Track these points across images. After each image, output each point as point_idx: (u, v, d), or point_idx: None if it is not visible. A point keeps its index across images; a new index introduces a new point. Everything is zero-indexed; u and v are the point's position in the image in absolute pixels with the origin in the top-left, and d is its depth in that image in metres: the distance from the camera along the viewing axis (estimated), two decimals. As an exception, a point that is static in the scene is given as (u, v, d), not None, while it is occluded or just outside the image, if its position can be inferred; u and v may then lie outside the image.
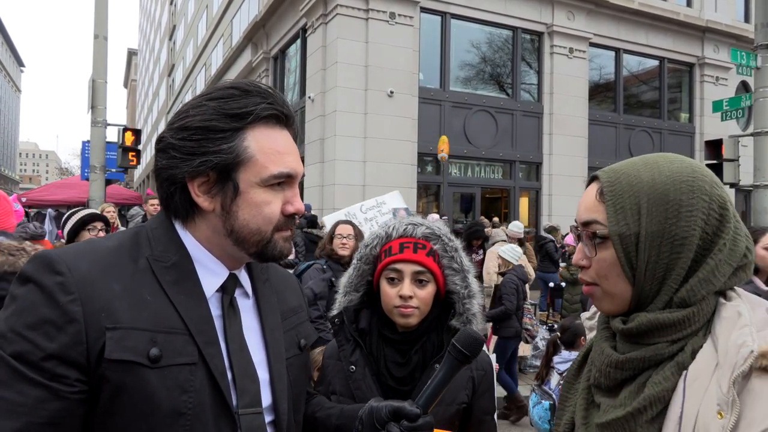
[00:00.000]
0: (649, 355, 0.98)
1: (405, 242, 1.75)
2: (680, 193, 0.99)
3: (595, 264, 1.06)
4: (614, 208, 1.02)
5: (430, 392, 1.21)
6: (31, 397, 0.91)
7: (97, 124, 10.17)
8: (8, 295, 0.98)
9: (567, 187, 15.21)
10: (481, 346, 1.24)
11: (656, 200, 0.99)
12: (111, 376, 0.94)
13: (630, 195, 1.01)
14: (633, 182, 1.02)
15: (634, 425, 0.96)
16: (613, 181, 1.04)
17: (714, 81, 17.81)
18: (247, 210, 1.08)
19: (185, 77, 36.55)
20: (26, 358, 0.91)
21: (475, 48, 14.86)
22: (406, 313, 1.69)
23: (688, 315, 0.97)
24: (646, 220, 0.99)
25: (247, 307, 1.18)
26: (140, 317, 0.98)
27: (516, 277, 6.46)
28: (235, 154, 1.06)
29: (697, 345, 0.96)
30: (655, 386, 0.95)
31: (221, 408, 1.03)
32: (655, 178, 1.01)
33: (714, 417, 0.87)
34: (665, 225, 0.98)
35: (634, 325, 1.01)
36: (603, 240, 1.03)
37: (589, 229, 1.06)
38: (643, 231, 0.99)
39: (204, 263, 1.11)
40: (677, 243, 0.98)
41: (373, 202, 7.38)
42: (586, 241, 1.07)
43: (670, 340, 0.98)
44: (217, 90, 1.10)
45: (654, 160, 1.05)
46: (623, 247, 1.01)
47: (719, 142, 10.47)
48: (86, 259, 1.00)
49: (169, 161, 1.07)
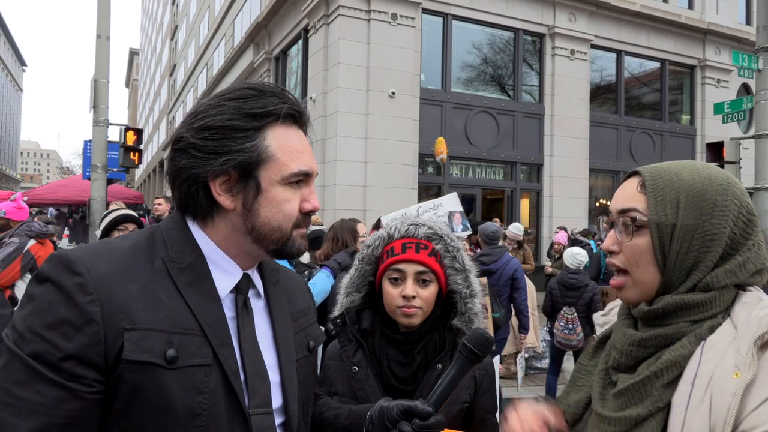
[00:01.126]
0: (671, 332, 1.07)
1: (407, 242, 1.76)
2: (716, 194, 1.08)
3: (628, 250, 1.13)
4: (655, 198, 1.10)
5: (441, 391, 1.21)
6: (50, 398, 0.91)
7: (99, 123, 10.18)
8: (24, 295, 0.98)
9: (568, 188, 15.22)
10: (492, 346, 1.25)
11: (694, 197, 1.08)
12: (128, 376, 0.94)
13: (671, 189, 1.10)
14: (674, 179, 1.11)
15: (650, 389, 1.04)
16: (655, 175, 1.13)
17: (715, 83, 17.81)
18: (269, 207, 1.09)
19: (187, 77, 36.56)
20: (45, 358, 0.91)
21: (476, 49, 14.87)
22: (410, 313, 1.70)
23: (710, 298, 1.06)
24: (683, 213, 1.08)
25: (259, 308, 1.19)
26: (157, 318, 0.99)
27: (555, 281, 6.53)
28: (257, 152, 1.08)
29: (716, 323, 1.04)
30: (672, 352, 1.04)
31: (235, 408, 1.03)
32: (695, 178, 1.10)
33: (730, 377, 0.95)
34: (699, 220, 1.07)
35: (660, 305, 1.09)
36: (639, 228, 1.11)
37: (627, 215, 1.13)
38: (680, 223, 1.08)
39: (218, 263, 1.11)
40: (708, 238, 1.07)
41: (430, 204, 7.47)
42: (620, 228, 1.15)
43: (691, 320, 1.06)
44: (234, 90, 1.12)
45: (693, 164, 1.15)
46: (659, 235, 1.09)
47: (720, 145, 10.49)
48: (104, 260, 1.00)
49: (191, 161, 1.07)
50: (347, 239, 4.70)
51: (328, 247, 4.74)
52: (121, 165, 11.00)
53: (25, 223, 5.03)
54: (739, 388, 0.94)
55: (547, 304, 6.70)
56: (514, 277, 6.15)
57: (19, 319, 0.96)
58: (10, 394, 0.91)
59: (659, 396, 1.03)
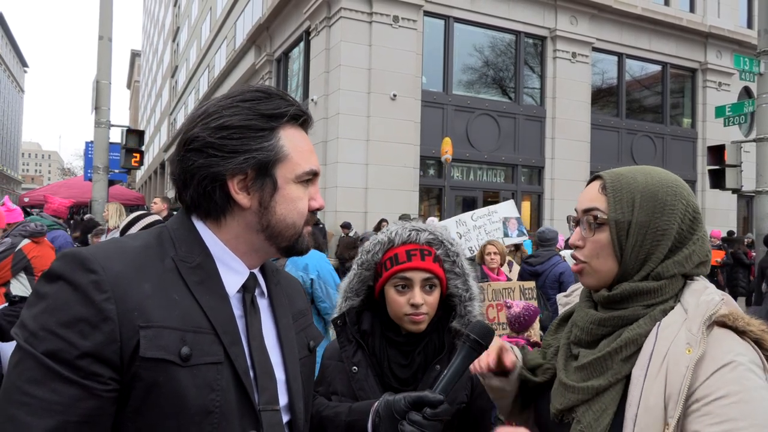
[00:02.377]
0: (627, 314, 1.22)
1: (411, 249, 1.76)
2: (666, 195, 1.24)
3: (590, 244, 1.28)
4: (614, 199, 1.25)
5: (447, 381, 1.26)
6: (66, 396, 0.91)
7: (100, 124, 10.20)
8: (33, 293, 0.98)
9: (569, 191, 15.21)
10: (493, 336, 1.29)
11: (647, 197, 1.23)
12: (144, 374, 0.95)
13: (627, 191, 1.25)
14: (630, 181, 1.26)
15: (611, 363, 1.19)
16: (614, 179, 1.28)
17: (716, 86, 17.81)
18: (284, 205, 1.13)
19: (188, 79, 36.62)
20: (60, 356, 0.91)
21: (478, 52, 14.89)
22: (418, 320, 1.71)
23: (661, 285, 1.21)
24: (637, 211, 1.23)
25: (264, 307, 1.21)
26: (170, 316, 1.00)
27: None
28: (274, 151, 1.11)
29: (668, 307, 1.20)
30: (630, 331, 1.19)
31: (245, 406, 1.05)
32: (648, 181, 1.26)
33: (683, 353, 1.10)
34: (652, 217, 1.22)
35: (618, 291, 1.24)
36: (600, 225, 1.26)
37: (590, 214, 1.28)
38: (635, 220, 1.23)
39: (226, 262, 1.13)
40: (659, 233, 1.22)
41: (485, 211, 7.70)
42: (584, 225, 1.30)
43: (644, 305, 1.22)
44: (244, 93, 1.15)
45: (648, 169, 1.31)
46: (617, 231, 1.24)
47: (722, 148, 10.48)
48: (117, 259, 1.01)
49: (208, 160, 1.09)
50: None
51: None
52: (123, 166, 11.02)
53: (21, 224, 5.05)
54: (691, 362, 1.08)
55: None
56: (561, 280, 6.19)
57: (30, 317, 0.95)
58: (24, 393, 0.91)
59: (618, 369, 1.17)
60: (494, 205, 7.75)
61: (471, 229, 7.45)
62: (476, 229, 7.45)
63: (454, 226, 7.41)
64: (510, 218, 7.63)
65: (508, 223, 7.50)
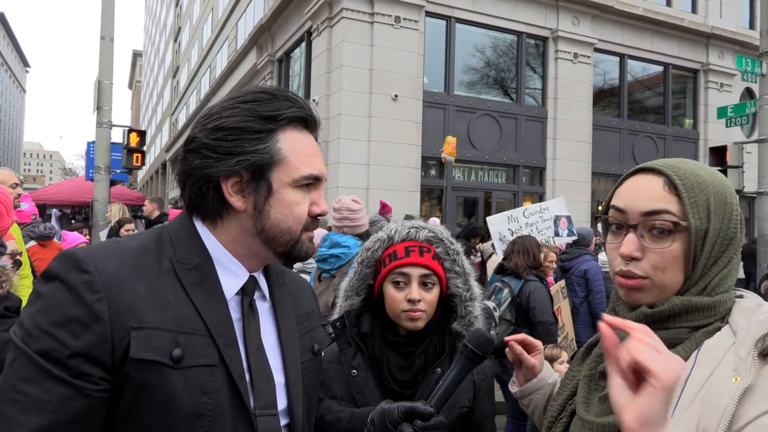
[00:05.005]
0: (671, 337, 1.02)
1: (410, 246, 1.75)
2: (731, 197, 1.07)
3: (656, 256, 1.05)
4: (690, 201, 1.04)
5: (442, 392, 1.23)
6: (57, 395, 0.92)
7: (102, 125, 10.20)
8: (32, 293, 0.99)
9: (570, 192, 15.17)
10: (492, 346, 1.26)
11: (720, 200, 1.06)
12: (134, 375, 0.95)
13: (700, 192, 1.05)
14: (699, 180, 1.06)
15: None
16: (683, 176, 1.06)
17: (718, 87, 17.78)
18: (279, 209, 1.10)
19: (190, 79, 36.63)
20: (52, 355, 0.92)
21: (479, 52, 14.87)
22: (415, 317, 1.69)
23: (716, 302, 1.03)
24: (713, 216, 1.04)
25: (264, 310, 1.19)
26: (163, 318, 0.99)
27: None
28: (270, 154, 1.09)
29: (714, 329, 1.02)
30: None
31: (239, 409, 1.04)
32: (714, 181, 1.07)
33: (729, 380, 0.92)
34: (723, 223, 1.05)
35: (667, 306, 1.04)
36: (670, 232, 1.04)
37: (659, 218, 1.04)
38: (712, 227, 1.04)
39: (225, 264, 1.12)
40: (725, 242, 1.05)
41: (536, 207, 7.41)
42: (643, 232, 1.06)
43: (691, 326, 1.03)
44: (247, 94, 1.13)
45: (700, 164, 1.11)
46: (695, 240, 1.03)
47: (723, 149, 10.47)
48: (112, 259, 1.01)
49: (204, 161, 1.08)
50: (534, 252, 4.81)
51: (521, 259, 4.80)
52: (124, 166, 11.01)
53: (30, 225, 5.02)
54: (736, 392, 0.90)
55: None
56: (586, 277, 6.21)
57: (27, 316, 0.96)
58: (17, 391, 0.92)
59: None
60: (545, 202, 7.54)
61: (523, 227, 7.07)
62: (528, 227, 7.12)
63: (506, 223, 7.14)
64: (561, 216, 7.46)
65: (559, 222, 7.32)
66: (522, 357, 1.41)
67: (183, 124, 37.08)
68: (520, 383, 1.47)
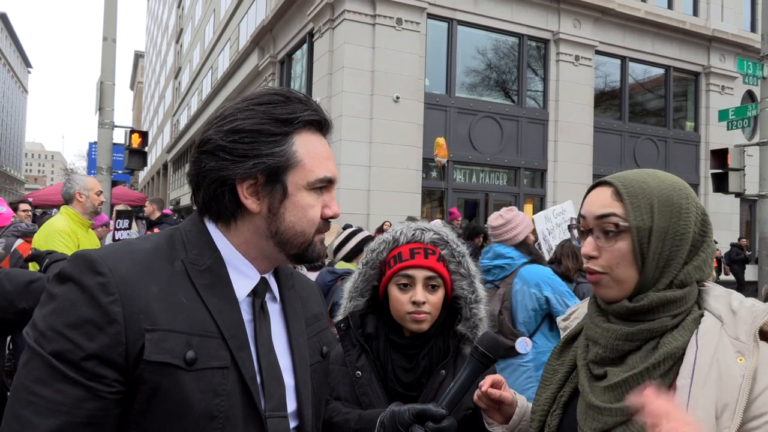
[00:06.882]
0: (656, 326, 1.16)
1: (415, 248, 1.76)
2: (680, 198, 1.20)
3: (608, 254, 1.21)
4: (632, 205, 1.19)
5: (453, 394, 1.24)
6: (71, 396, 0.91)
7: (104, 125, 10.21)
8: (45, 293, 0.99)
9: (572, 194, 15.14)
10: (502, 349, 1.26)
11: (664, 202, 1.19)
12: (148, 377, 0.95)
13: (643, 195, 1.20)
14: (644, 186, 1.21)
15: (648, 379, 1.12)
16: (626, 184, 1.23)
17: (720, 90, 17.78)
18: (294, 212, 1.10)
19: (191, 80, 36.68)
20: (66, 357, 0.92)
21: (481, 54, 14.88)
22: (420, 319, 1.70)
23: (686, 293, 1.18)
24: (657, 216, 1.18)
25: (275, 312, 1.19)
26: (177, 320, 0.99)
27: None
28: (285, 157, 1.09)
29: (696, 315, 1.16)
30: (668, 345, 1.13)
31: (251, 411, 1.04)
32: (660, 185, 1.22)
33: (734, 361, 1.06)
34: (670, 222, 1.18)
35: (645, 302, 1.17)
36: (620, 233, 1.20)
37: (608, 221, 1.21)
38: (655, 226, 1.18)
39: (237, 266, 1.12)
40: (678, 238, 1.18)
41: (559, 209, 7.44)
42: (599, 233, 1.23)
43: (671, 315, 1.17)
44: (261, 95, 1.13)
45: (654, 172, 1.27)
46: (639, 238, 1.18)
47: (725, 152, 10.47)
48: (126, 261, 1.00)
49: (219, 163, 1.08)
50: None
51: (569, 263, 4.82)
52: (126, 167, 11.01)
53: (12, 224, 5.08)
54: (747, 370, 1.04)
55: None
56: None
57: (41, 317, 0.96)
58: (31, 392, 0.91)
59: (658, 384, 1.10)
60: (561, 204, 7.53)
61: (554, 227, 7.02)
62: (557, 227, 7.07)
63: (543, 222, 7.07)
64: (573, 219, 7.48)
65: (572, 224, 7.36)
66: (501, 397, 1.40)
67: (184, 125, 37.12)
68: (502, 422, 1.45)
